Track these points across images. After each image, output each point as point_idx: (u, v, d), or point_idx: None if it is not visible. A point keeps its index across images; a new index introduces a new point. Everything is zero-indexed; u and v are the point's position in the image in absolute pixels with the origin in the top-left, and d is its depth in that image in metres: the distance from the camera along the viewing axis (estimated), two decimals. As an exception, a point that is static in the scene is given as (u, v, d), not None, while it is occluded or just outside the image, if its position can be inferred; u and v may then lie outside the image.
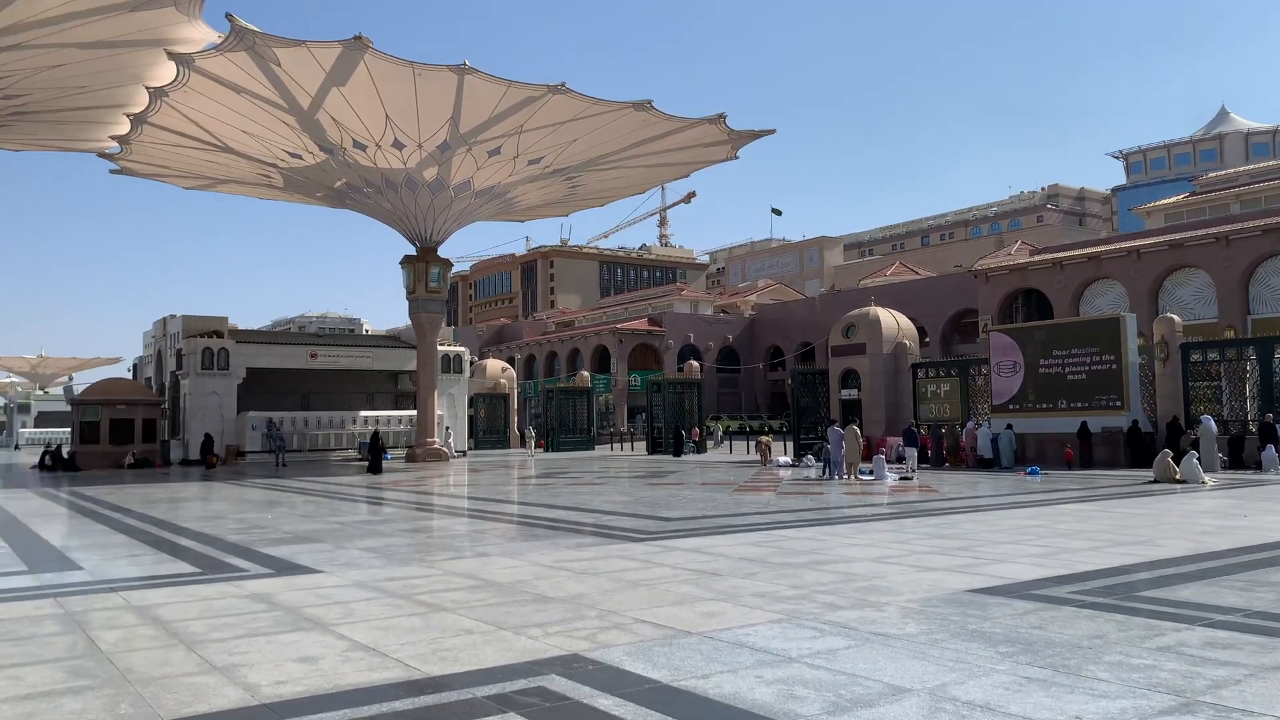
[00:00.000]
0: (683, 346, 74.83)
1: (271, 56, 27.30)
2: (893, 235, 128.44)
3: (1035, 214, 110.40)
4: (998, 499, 18.09)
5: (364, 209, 38.24)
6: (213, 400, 39.03)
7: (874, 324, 33.45)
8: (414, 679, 5.71)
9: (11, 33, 24.89)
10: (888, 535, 12.58)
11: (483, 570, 9.92)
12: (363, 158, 33.69)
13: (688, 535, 12.74)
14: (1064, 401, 28.15)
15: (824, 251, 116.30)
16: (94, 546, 12.71)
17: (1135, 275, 47.47)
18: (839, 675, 5.63)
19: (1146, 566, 9.66)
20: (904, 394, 32.99)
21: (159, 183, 40.53)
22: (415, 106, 30.60)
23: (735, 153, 37.74)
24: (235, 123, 31.72)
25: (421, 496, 21.37)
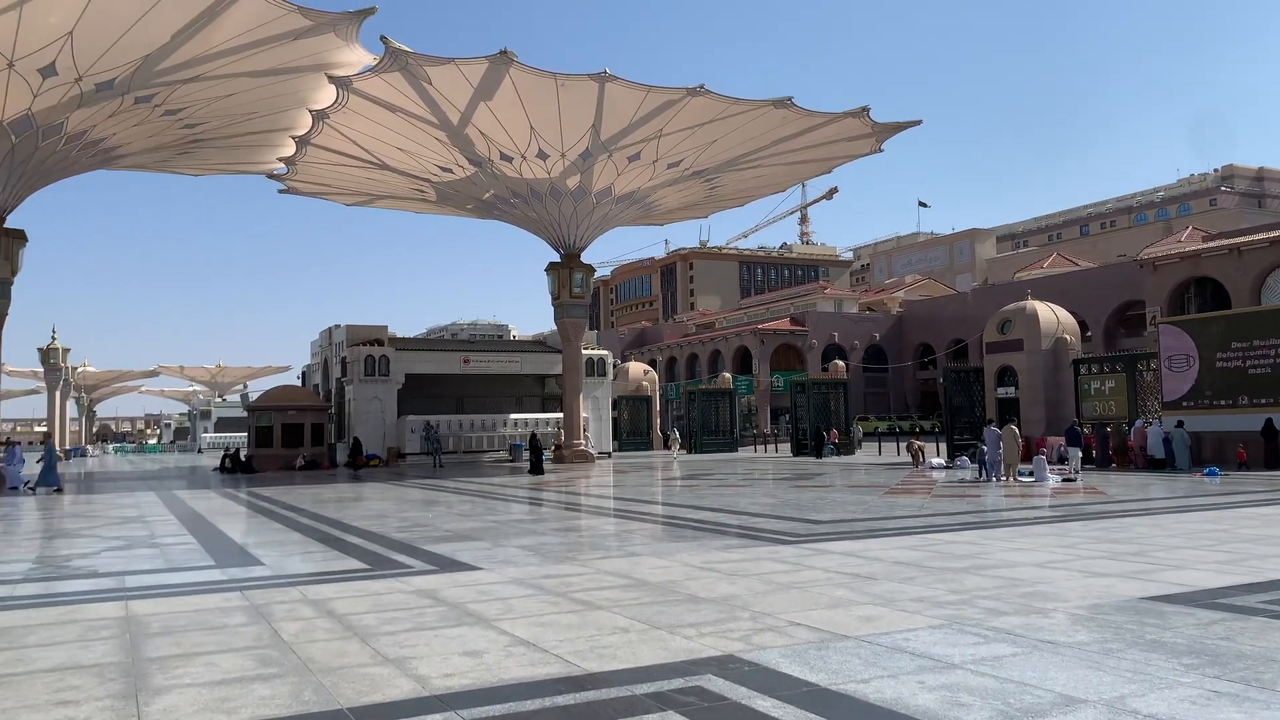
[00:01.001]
0: (827, 346, 73.64)
1: (423, 75, 28.50)
2: (1049, 225, 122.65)
3: (1208, 197, 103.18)
4: (1172, 501, 17.01)
5: (510, 219, 39.39)
6: (374, 405, 41.01)
7: (1031, 318, 32.03)
8: (574, 675, 5.85)
9: (191, 66, 26.92)
10: (1052, 539, 12.02)
11: (634, 570, 10.05)
12: (509, 169, 34.71)
13: (839, 538, 12.53)
14: (1245, 397, 26.18)
15: (975, 244, 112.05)
16: (272, 544, 13.57)
17: (1325, 259, 43.73)
18: (1006, 683, 5.43)
19: (1349, 576, 8.88)
20: (1065, 391, 31.43)
21: (322, 200, 42.95)
22: (558, 116, 31.31)
23: (880, 146, 36.89)
24: (390, 140, 33.28)
25: (570, 497, 21.82)
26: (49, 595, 9.49)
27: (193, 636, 7.20)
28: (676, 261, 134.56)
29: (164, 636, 7.24)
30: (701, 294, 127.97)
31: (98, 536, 14.70)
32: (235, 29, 25.53)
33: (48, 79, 26.11)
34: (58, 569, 11.30)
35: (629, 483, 26.69)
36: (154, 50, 25.77)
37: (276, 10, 24.89)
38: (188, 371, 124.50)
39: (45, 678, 6.07)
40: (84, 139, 29.35)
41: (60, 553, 12.86)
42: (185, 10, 24.49)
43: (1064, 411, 30.77)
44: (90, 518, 18.40)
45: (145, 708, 5.34)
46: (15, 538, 15.14)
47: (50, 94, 26.69)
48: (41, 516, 19.04)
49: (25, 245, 31.35)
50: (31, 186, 30.34)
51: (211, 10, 24.58)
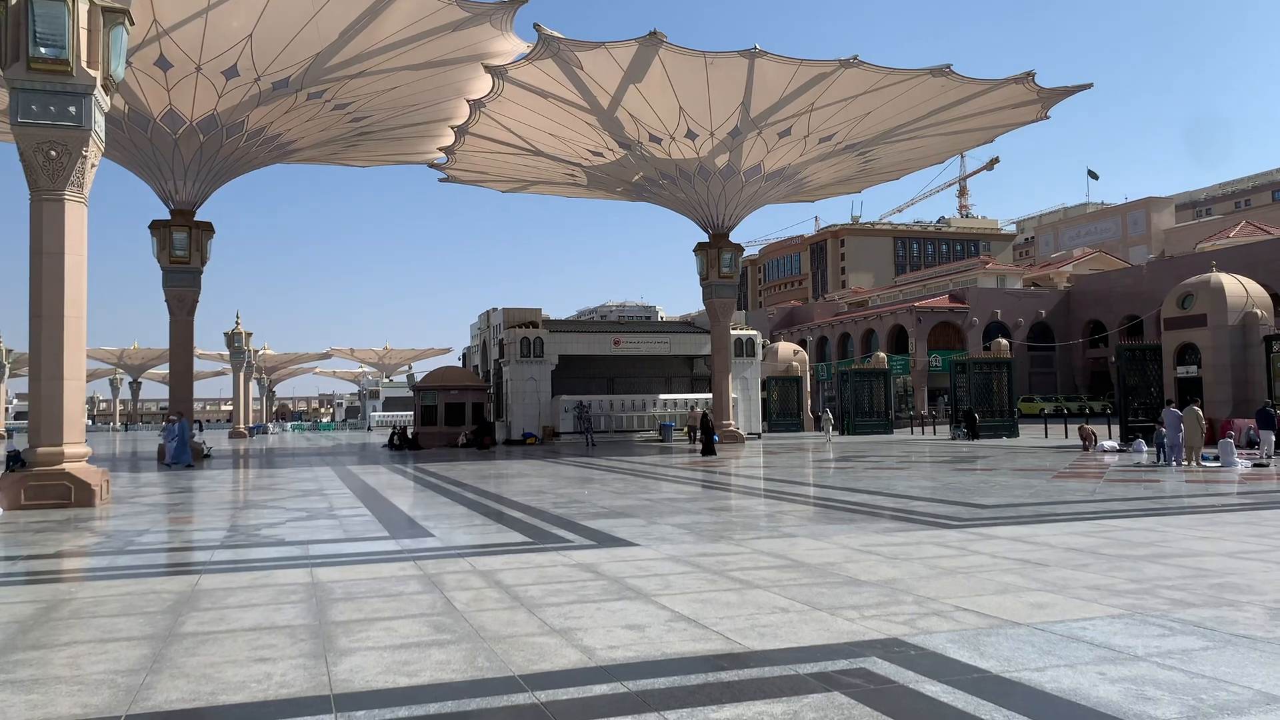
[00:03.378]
0: (989, 324, 70.78)
1: (574, 60, 28.94)
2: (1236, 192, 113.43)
3: None
4: (1384, 491, 15.52)
5: (659, 200, 39.60)
6: (530, 385, 42.23)
7: (1216, 292, 29.78)
8: (735, 651, 5.87)
9: (357, 61, 28.29)
10: (1243, 528, 11.19)
11: (790, 550, 9.98)
12: (658, 150, 34.87)
13: (1005, 523, 12.06)
14: None
15: (1151, 214, 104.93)
16: (440, 516, 14.21)
17: None
18: (1196, 678, 5.10)
19: None
20: (1255, 370, 29.10)
21: (479, 188, 44.40)
22: (707, 95, 31.19)
23: (1045, 113, 35.02)
24: (543, 126, 34.01)
25: (722, 477, 21.85)
26: (243, 561, 10.26)
27: (372, 603, 7.64)
28: (827, 239, 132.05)
29: (346, 602, 7.71)
30: (853, 271, 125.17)
31: (282, 508, 15.77)
32: (398, 24, 26.64)
33: (230, 80, 27.99)
34: (249, 537, 12.19)
35: (780, 464, 26.49)
36: (324, 48, 27.22)
37: (436, 3, 25.82)
38: (357, 354, 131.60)
39: (245, 636, 6.58)
40: (262, 135, 31.33)
41: (250, 523, 13.87)
42: (352, 8, 25.74)
43: (1253, 392, 28.50)
44: (274, 489, 19.77)
45: (334, 667, 5.71)
46: (207, 508, 16.43)
47: (232, 94, 28.61)
48: (201, 488, 20.58)
49: (213, 236, 33.82)
50: (217, 181, 32.66)
51: (375, 7, 25.74)
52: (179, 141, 29.95)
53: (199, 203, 32.93)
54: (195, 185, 32.02)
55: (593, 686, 5.20)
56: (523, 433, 41.47)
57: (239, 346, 74.99)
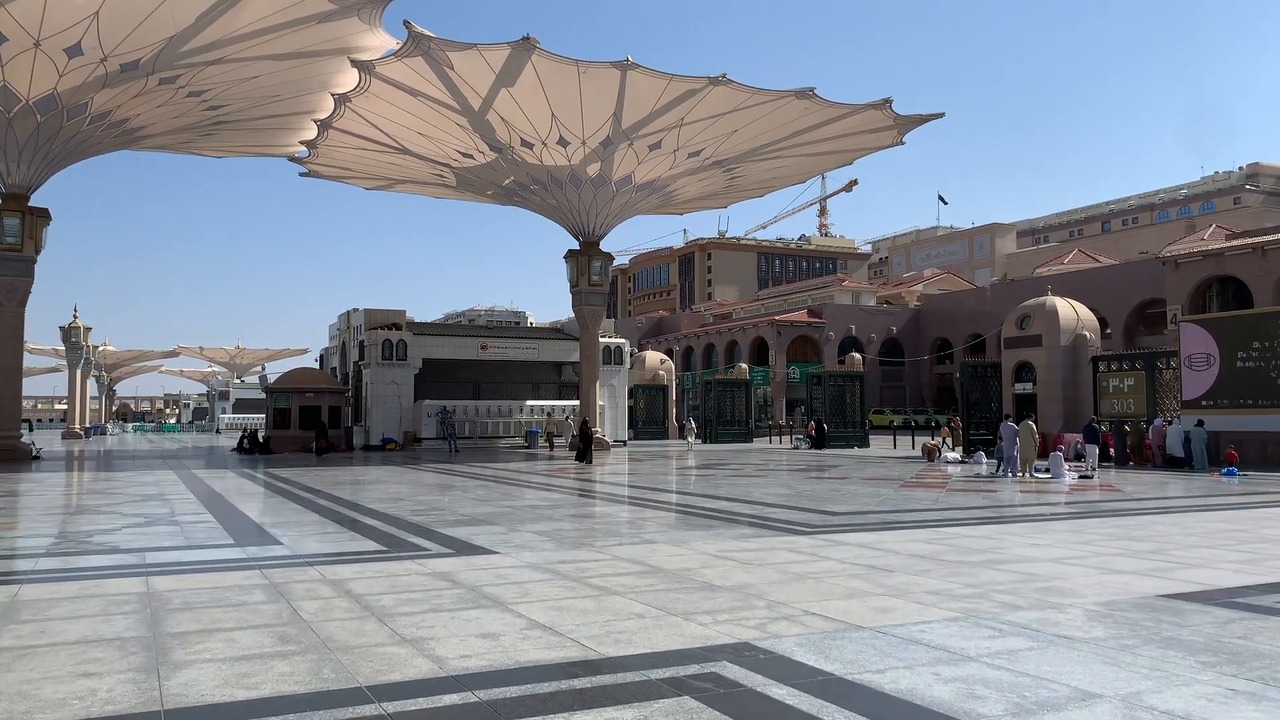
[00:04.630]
0: (844, 338, 73.43)
1: (445, 60, 28.52)
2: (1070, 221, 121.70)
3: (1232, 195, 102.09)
4: (1190, 500, 16.90)
5: (530, 205, 39.42)
6: (391, 389, 41.21)
7: (1051, 314, 31.81)
8: (590, 658, 5.89)
9: (215, 48, 27.05)
10: (1069, 535, 11.98)
11: (649, 557, 10.08)
12: (529, 155, 34.72)
13: (854, 530, 12.53)
14: (1266, 398, 25.95)
15: (995, 239, 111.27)
16: (290, 524, 13.68)
17: (1352, 260, 43.19)
18: (1022, 677, 5.43)
19: (1369, 578, 8.81)
20: (1083, 388, 31.23)
21: (343, 184, 43.11)
22: (579, 104, 31.28)
23: (901, 138, 36.67)
24: (412, 125, 33.34)
25: (585, 484, 21.88)
26: (72, 570, 9.61)
27: (213, 613, 7.29)
28: (695, 251, 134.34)
29: (185, 612, 7.33)
30: (719, 284, 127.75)
31: (118, 513, 14.86)
32: (260, 11, 25.62)
33: (73, 59, 26.29)
34: (79, 544, 11.43)
35: (644, 471, 26.73)
36: (179, 31, 25.91)
37: (301, -7, 24.98)
38: (207, 352, 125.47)
39: (69, 650, 6.16)
40: (108, 119, 29.55)
41: (81, 529, 13.01)
42: (210, -8, 24.61)
43: (1082, 409, 30.58)
44: (109, 494, 18.61)
45: (166, 681, 5.41)
46: (32, 513, 15.32)
47: (75, 74, 26.88)
48: (28, 492, 19.26)
49: (49, 224, 31.64)
50: (56, 165, 30.60)
51: (236, -8, 24.69)
52: (13, 121, 27.93)
53: (35, 187, 30.77)
54: (31, 168, 29.90)
55: (443, 696, 5.11)
56: (382, 438, 40.43)
57: (76, 342, 70.39)
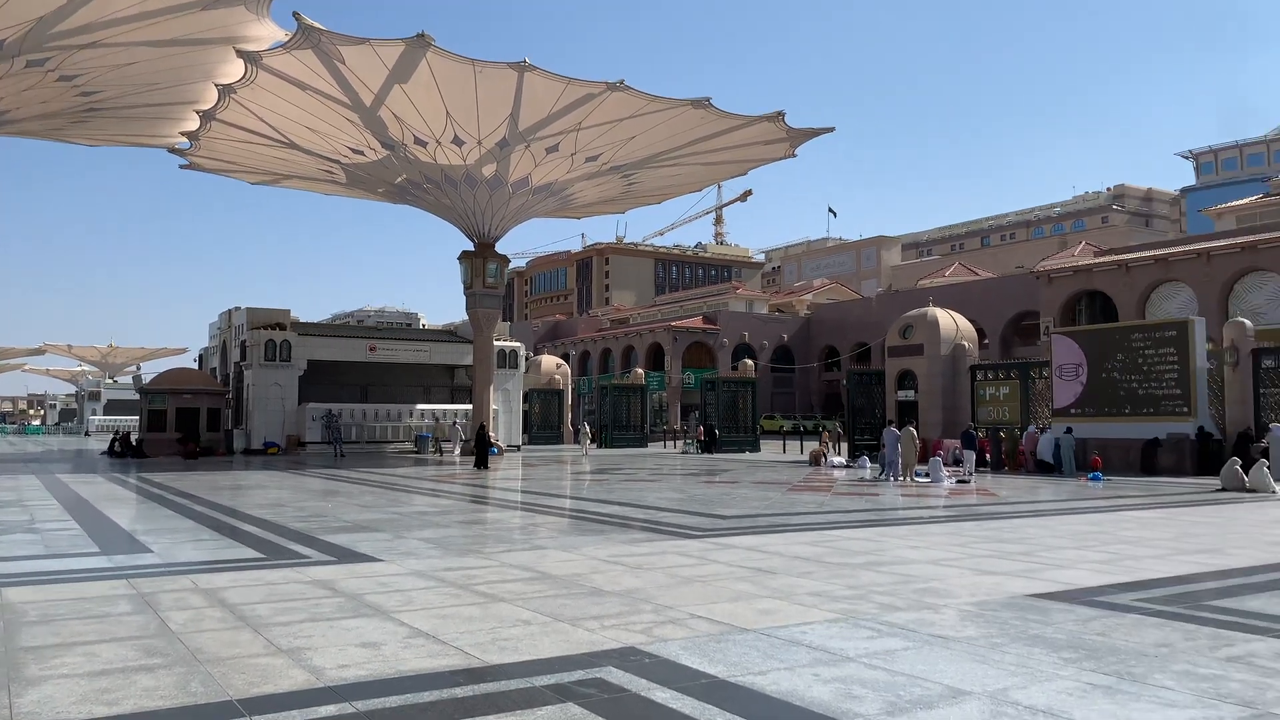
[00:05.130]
0: (737, 345, 74.56)
1: (336, 54, 27.79)
2: (952, 235, 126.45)
3: (1100, 215, 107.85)
4: (1058, 504, 17.76)
5: (424, 205, 38.76)
6: (275, 391, 39.87)
7: (932, 325, 32.99)
8: (474, 666, 5.80)
9: (87, 31, 25.69)
10: (945, 538, 12.43)
11: (539, 563, 10.01)
12: (423, 154, 34.14)
13: (742, 533, 12.71)
14: (1128, 407, 27.50)
15: (881, 251, 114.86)
16: (162, 531, 13.08)
17: (1204, 278, 46.17)
18: (897, 676, 5.59)
19: (1214, 576, 9.41)
20: (962, 396, 32.49)
21: (226, 178, 41.53)
22: (475, 104, 30.92)
23: (793, 151, 37.50)
24: (300, 119, 32.37)
25: (476, 489, 21.61)
26: (-85, 582, 8.96)
27: (72, 626, 6.90)
28: (593, 256, 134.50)
29: (41, 625, 6.92)
30: (617, 289, 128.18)
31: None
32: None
33: (-71, 35, 24.61)
34: (-75, 554, 10.68)
35: (537, 476, 26.57)
36: (49, 12, 24.51)
37: (183, -22, 23.98)
38: (76, 350, 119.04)
39: (-92, 668, 5.74)
40: (-32, 101, 27.75)
41: (-71, 537, 12.15)
42: (84, -28, 23.39)
43: (961, 416, 31.81)
44: (-37, 501, 17.44)
45: (18, 699, 5.09)
46: (-121, 521, 14.24)
47: (-69, 51, 25.15)
48: (-91, 499, 17.96)
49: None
50: (-92, 149, 28.56)
51: (112, -27, 23.53)
52: None
53: (-119, 170, 28.62)
54: (-123, 150, 27.81)
55: (318, 708, 4.95)
56: (264, 441, 39.08)
57: (-72, 337, 65.68)
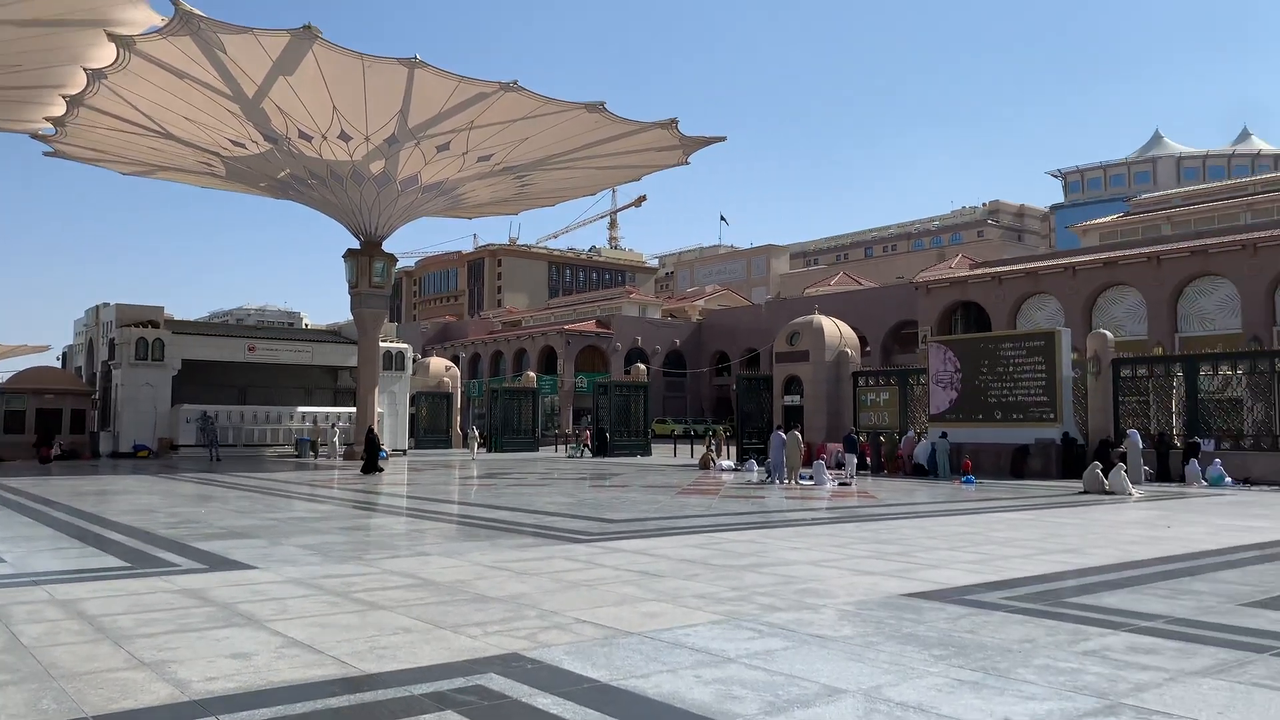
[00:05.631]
0: (630, 349, 74.93)
1: (216, 42, 26.74)
2: (838, 246, 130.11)
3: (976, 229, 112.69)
4: (934, 506, 18.43)
5: (308, 201, 37.64)
6: (146, 392, 38.06)
7: (817, 332, 33.84)
8: (350, 676, 5.64)
9: (-58, 6, 24.04)
10: (827, 539, 12.74)
11: (422, 569, 9.82)
12: (308, 149, 33.16)
13: (630, 537, 12.76)
14: (999, 413, 28.78)
15: (771, 260, 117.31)
16: (17, 539, 12.31)
17: (1070, 291, 48.73)
18: (776, 676, 5.69)
19: (1075, 574, 9.91)
20: (845, 402, 33.42)
21: (95, 167, 39.43)
22: (363, 99, 30.21)
23: (686, 158, 37.93)
24: (177, 108, 31.01)
25: (360, 495, 21.08)
26: None
27: (-91, 642, 6.41)
28: (485, 257, 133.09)
29: (-127, 643, 6.40)
30: (509, 291, 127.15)
31: None
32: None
33: None
34: None
35: (424, 481, 26.10)
36: (-105, -18, 22.86)
37: (49, -46, 22.69)
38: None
39: None
40: None
41: None
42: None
43: (844, 420, 32.72)
44: None
45: None
46: None
47: None
48: None
49: None
50: None
51: (-31, -55, 22.08)
52: None
53: None
54: None
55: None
56: (134, 445, 37.23)
57: None
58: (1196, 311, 45.19)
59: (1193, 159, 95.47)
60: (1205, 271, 44.64)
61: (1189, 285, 45.37)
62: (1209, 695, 5.32)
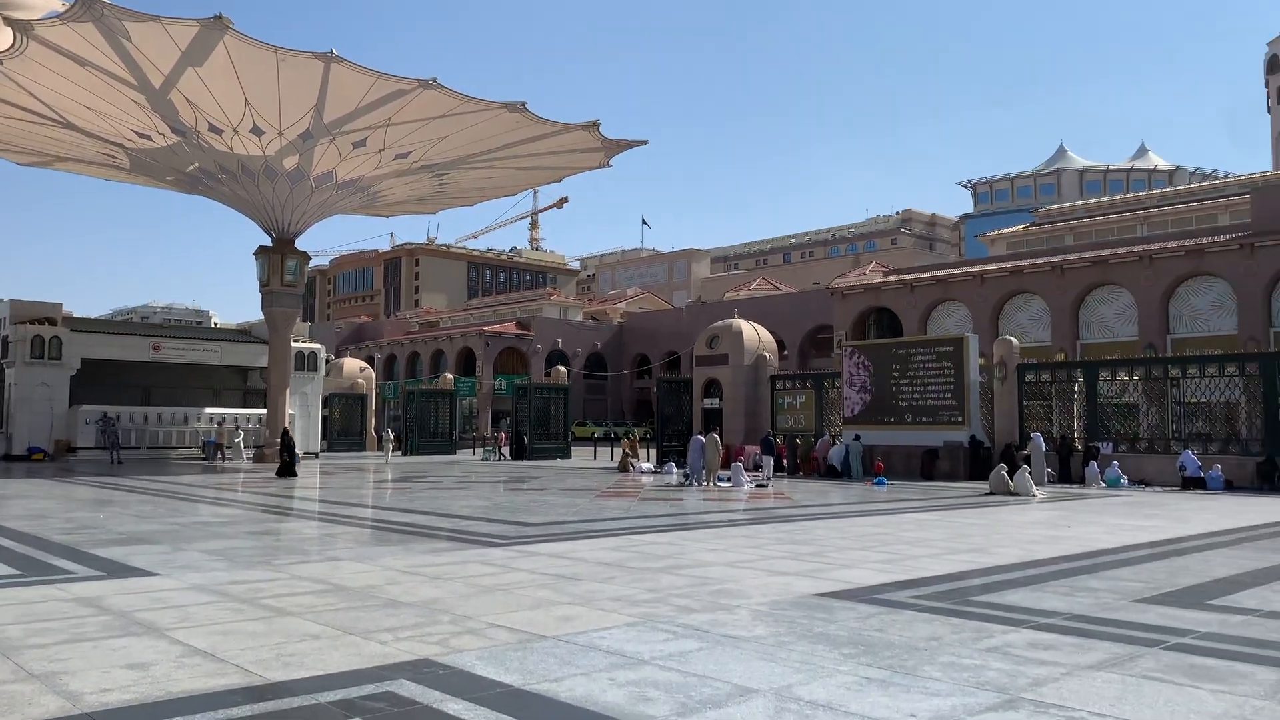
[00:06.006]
0: (551, 351, 74.61)
1: (121, 30, 25.77)
2: (757, 251, 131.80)
3: (890, 237, 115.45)
4: (847, 507, 18.79)
5: (218, 196, 36.53)
6: (41, 392, 36.45)
7: (736, 336, 34.22)
8: (254, 685, 5.47)
9: None
10: (743, 540, 12.88)
11: (333, 575, 9.61)
12: (218, 142, 32.19)
13: (548, 540, 12.69)
14: (910, 416, 29.50)
15: (692, 264, 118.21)
16: (-104, 547, 11.64)
17: (979, 299, 50.26)
18: (689, 677, 5.72)
19: (980, 573, 10.21)
20: (763, 404, 33.87)
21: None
22: (277, 92, 29.46)
23: (608, 161, 37.96)
24: (78, 97, 29.77)
25: (269, 498, 20.53)
26: None
27: None
28: (402, 256, 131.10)
29: None
30: (427, 291, 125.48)
31: None
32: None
33: None
34: None
35: (336, 485, 25.55)
36: None
37: (-62, -69, 21.55)
38: None
39: None
40: None
41: None
42: None
43: (762, 423, 33.15)
44: None
45: None
46: None
47: None
48: None
49: None
50: None
51: None
52: None
53: None
54: None
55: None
56: (29, 447, 35.59)
57: None
58: (1097, 319, 47.04)
59: (1094, 173, 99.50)
60: (1105, 281, 46.51)
61: (1090, 294, 47.21)
62: (1102, 688, 5.53)
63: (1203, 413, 27.36)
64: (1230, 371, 26.34)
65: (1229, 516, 17.00)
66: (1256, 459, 24.58)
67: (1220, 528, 15.12)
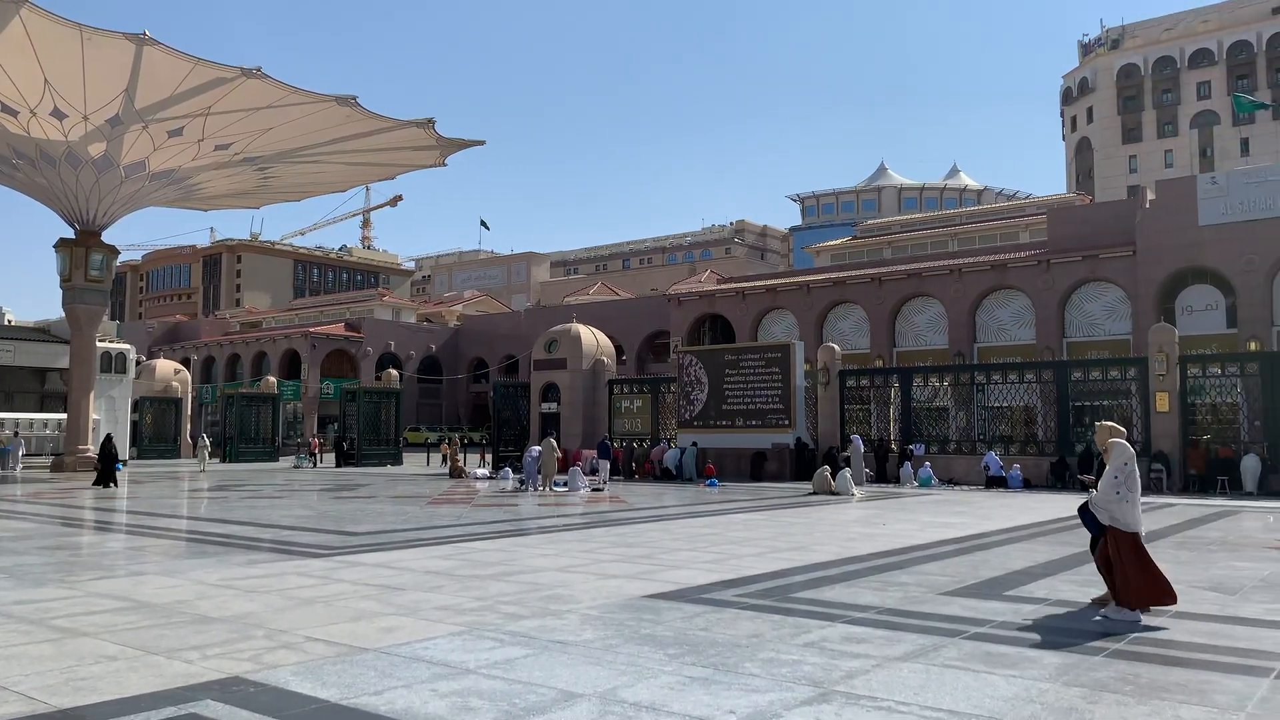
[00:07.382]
0: (382, 354, 72.42)
1: (-104, -6, 23.31)
2: (597, 256, 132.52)
3: (724, 246, 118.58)
4: (679, 509, 19.14)
5: (12, 183, 33.55)
6: None
7: (575, 340, 34.30)
8: (38, 713, 5.03)
9: None
10: (576, 545, 12.89)
11: (135, 591, 8.97)
12: (13, 124, 29.58)
13: (373, 550, 12.31)
14: (740, 419, 30.39)
15: (531, 267, 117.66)
16: None
17: (805, 307, 52.32)
18: (514, 684, 5.67)
19: (802, 570, 10.61)
20: (601, 409, 34.08)
21: None
22: (82, 74, 27.38)
23: (444, 160, 37.28)
24: None
25: (69, 510, 19.00)
26: None
27: None
28: (222, 252, 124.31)
29: None
30: (249, 290, 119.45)
31: None
32: None
33: None
34: None
35: (145, 494, 23.92)
36: None
37: None
38: None
39: None
40: None
41: None
42: None
43: (600, 427, 33.34)
44: None
45: None
46: None
47: None
48: None
49: None
50: None
51: None
52: None
53: None
54: None
55: None
56: None
57: None
58: (911, 328, 49.84)
59: (911, 190, 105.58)
60: (919, 293, 49.34)
61: (905, 304, 49.96)
62: (908, 678, 5.85)
63: (1005, 416, 29.50)
64: (1029, 378, 28.52)
65: (1026, 513, 18.38)
66: (1050, 459, 26.70)
67: (1018, 523, 16.32)
